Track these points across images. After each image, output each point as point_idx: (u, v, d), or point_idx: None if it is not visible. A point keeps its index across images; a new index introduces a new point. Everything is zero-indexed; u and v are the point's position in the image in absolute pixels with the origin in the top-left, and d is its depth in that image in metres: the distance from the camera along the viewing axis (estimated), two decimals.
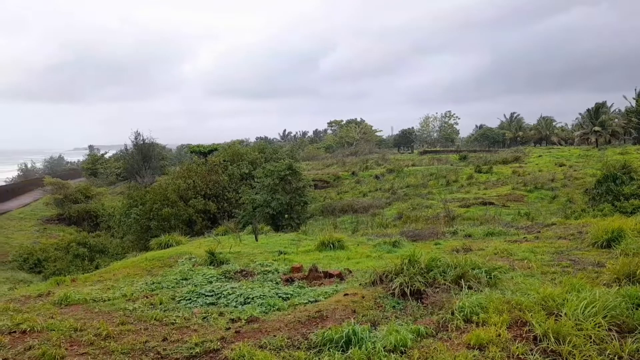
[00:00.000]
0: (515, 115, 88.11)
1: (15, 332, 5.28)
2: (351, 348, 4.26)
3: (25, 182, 57.14)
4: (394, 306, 5.57)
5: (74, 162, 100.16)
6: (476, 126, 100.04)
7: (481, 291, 5.45)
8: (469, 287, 5.63)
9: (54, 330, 5.28)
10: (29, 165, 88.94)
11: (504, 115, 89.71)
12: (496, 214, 20.20)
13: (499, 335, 4.22)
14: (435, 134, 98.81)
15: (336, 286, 6.88)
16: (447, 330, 4.58)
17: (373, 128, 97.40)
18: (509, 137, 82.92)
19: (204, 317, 5.67)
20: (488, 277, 5.96)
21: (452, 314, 4.84)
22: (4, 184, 61.96)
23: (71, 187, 40.04)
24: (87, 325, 5.40)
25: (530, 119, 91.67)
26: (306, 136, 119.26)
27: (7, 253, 25.10)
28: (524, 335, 4.26)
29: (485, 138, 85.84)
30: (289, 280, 7.54)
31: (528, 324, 4.40)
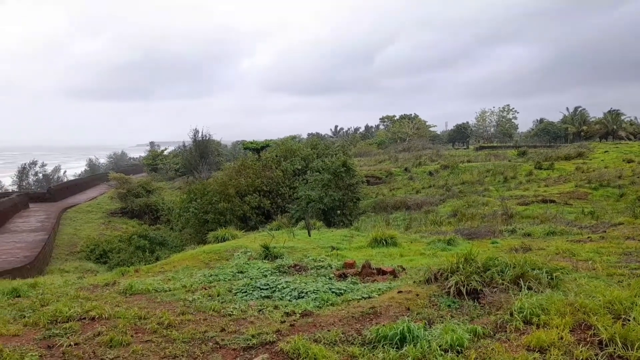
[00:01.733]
0: (579, 108, 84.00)
1: (85, 318, 5.61)
2: (406, 346, 4.23)
3: (93, 177, 60.39)
4: (449, 305, 5.48)
5: (136, 157, 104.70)
6: (536, 120, 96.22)
7: (542, 292, 5.27)
8: (529, 288, 5.44)
9: (120, 318, 5.56)
10: (94, 161, 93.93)
11: (567, 109, 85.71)
12: (558, 213, 19.33)
13: (562, 338, 4.06)
14: (492, 129, 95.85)
15: (389, 283, 6.85)
16: (506, 331, 4.46)
17: (427, 123, 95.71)
18: (572, 132, 79.07)
19: (260, 310, 5.79)
20: (549, 277, 5.73)
21: (511, 314, 4.70)
22: (73, 178, 65.78)
23: (133, 182, 41.81)
24: (150, 314, 5.66)
25: (595, 113, 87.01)
26: (358, 132, 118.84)
27: (76, 244, 26.61)
28: (588, 339, 4.08)
29: (546, 133, 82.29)
30: (342, 276, 7.57)
31: (593, 327, 4.21)
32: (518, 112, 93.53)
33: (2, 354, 4.45)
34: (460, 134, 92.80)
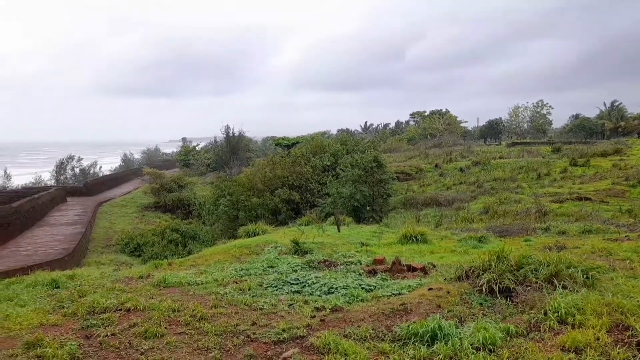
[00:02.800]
0: (616, 104, 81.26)
1: (120, 309, 5.78)
2: (437, 343, 4.21)
3: (127, 172, 61.83)
4: (481, 303, 5.41)
5: (169, 153, 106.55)
6: (571, 116, 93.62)
7: (577, 291, 5.15)
8: (564, 287, 5.32)
9: (154, 310, 5.71)
10: (128, 156, 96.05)
11: (604, 104, 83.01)
12: (593, 210, 18.77)
13: (598, 338, 3.97)
14: (525, 125, 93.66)
15: (420, 280, 6.80)
16: (539, 330, 4.38)
17: (458, 119, 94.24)
18: (609, 128, 76.51)
19: (290, 305, 5.85)
20: (585, 276, 5.59)
21: (545, 314, 4.62)
22: (108, 173, 67.53)
23: (166, 177, 42.58)
24: (183, 307, 5.78)
25: (634, 108, 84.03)
26: (387, 128, 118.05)
27: (111, 237, 27.31)
28: (625, 340, 3.98)
29: (582, 129, 79.99)
30: (372, 272, 7.57)
31: (631, 328, 4.10)
32: (552, 108, 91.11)
33: (43, 342, 4.63)
34: (492, 130, 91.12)
